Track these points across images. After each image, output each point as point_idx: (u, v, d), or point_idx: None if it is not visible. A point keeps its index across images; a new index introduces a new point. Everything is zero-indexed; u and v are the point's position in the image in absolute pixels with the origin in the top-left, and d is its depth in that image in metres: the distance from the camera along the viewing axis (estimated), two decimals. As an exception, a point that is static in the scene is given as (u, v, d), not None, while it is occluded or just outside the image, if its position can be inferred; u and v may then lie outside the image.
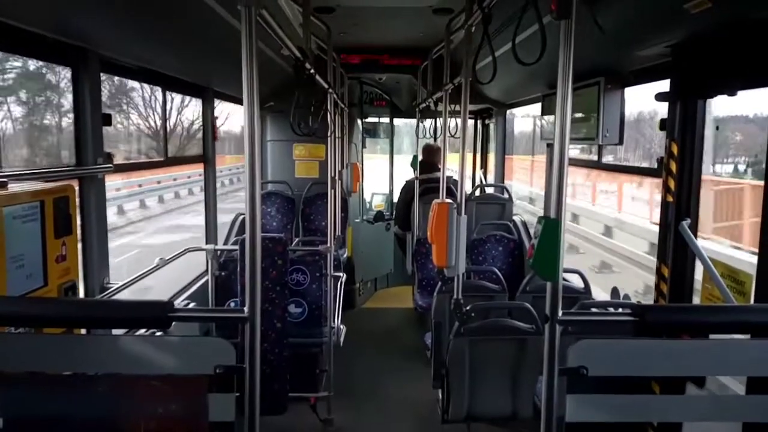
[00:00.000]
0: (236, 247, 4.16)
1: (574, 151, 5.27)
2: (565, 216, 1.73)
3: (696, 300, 2.96)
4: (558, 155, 1.74)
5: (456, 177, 5.70)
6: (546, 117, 4.89)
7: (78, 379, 1.68)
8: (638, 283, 8.80)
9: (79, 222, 2.74)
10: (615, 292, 3.71)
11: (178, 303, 1.80)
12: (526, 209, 12.91)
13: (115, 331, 2.19)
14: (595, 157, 4.23)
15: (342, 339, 4.71)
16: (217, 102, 4.90)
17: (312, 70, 3.15)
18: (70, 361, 1.66)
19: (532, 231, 5.36)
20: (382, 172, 8.17)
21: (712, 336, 1.94)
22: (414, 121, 6.99)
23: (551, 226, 1.72)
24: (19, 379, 1.63)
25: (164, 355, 1.65)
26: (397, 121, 7.98)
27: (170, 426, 1.61)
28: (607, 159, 4.40)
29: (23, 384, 1.63)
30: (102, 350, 1.68)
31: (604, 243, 11.48)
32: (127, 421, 1.62)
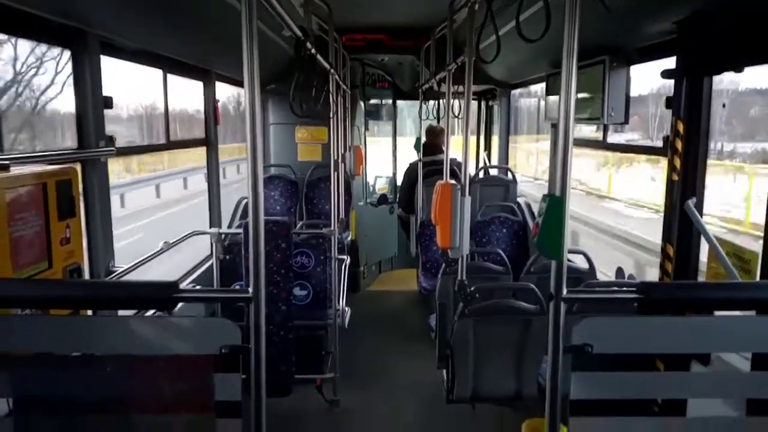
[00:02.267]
0: (240, 230, 4.16)
1: (589, 130, 5.19)
2: (569, 194, 1.72)
3: (701, 279, 2.95)
4: (563, 134, 1.72)
5: (460, 159, 5.68)
6: (550, 97, 4.85)
7: (85, 360, 1.69)
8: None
9: (82, 206, 2.74)
10: (620, 272, 3.71)
11: (184, 286, 1.80)
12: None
13: (121, 313, 2.21)
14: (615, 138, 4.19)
15: (347, 321, 4.73)
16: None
17: (313, 50, 3.12)
18: (77, 342, 1.67)
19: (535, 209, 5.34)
20: (385, 154, 8.15)
21: (716, 313, 1.94)
22: (417, 102, 6.95)
23: (556, 203, 1.72)
24: (26, 361, 1.65)
25: (170, 335, 1.66)
26: (400, 102, 7.94)
27: (178, 405, 1.63)
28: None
29: (31, 365, 1.65)
30: (109, 331, 1.68)
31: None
32: (134, 401, 1.64)
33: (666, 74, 2.93)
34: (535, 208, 5.72)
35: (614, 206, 13.86)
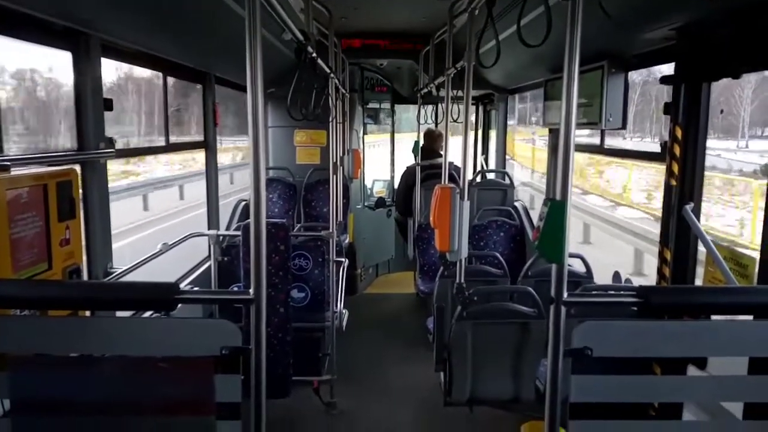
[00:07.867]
0: (239, 232, 4.16)
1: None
2: (570, 198, 1.73)
3: (698, 284, 2.97)
4: (564, 139, 1.73)
5: (457, 163, 5.70)
6: (548, 102, 4.87)
7: (85, 360, 1.69)
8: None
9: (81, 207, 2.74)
10: (617, 276, 3.72)
11: (182, 287, 1.78)
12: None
13: (120, 314, 2.20)
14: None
15: (344, 323, 4.74)
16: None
17: (314, 54, 3.13)
18: (76, 343, 1.67)
19: (533, 215, 5.33)
20: (383, 156, 8.17)
21: (714, 317, 1.95)
22: (410, 105, 6.98)
23: (557, 208, 1.72)
24: (25, 361, 1.64)
25: (170, 336, 1.66)
26: (398, 107, 7.98)
27: (178, 406, 1.63)
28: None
29: (30, 366, 1.64)
30: (109, 332, 1.68)
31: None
32: (134, 402, 1.63)
33: (664, 80, 2.95)
34: (533, 214, 5.74)
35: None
